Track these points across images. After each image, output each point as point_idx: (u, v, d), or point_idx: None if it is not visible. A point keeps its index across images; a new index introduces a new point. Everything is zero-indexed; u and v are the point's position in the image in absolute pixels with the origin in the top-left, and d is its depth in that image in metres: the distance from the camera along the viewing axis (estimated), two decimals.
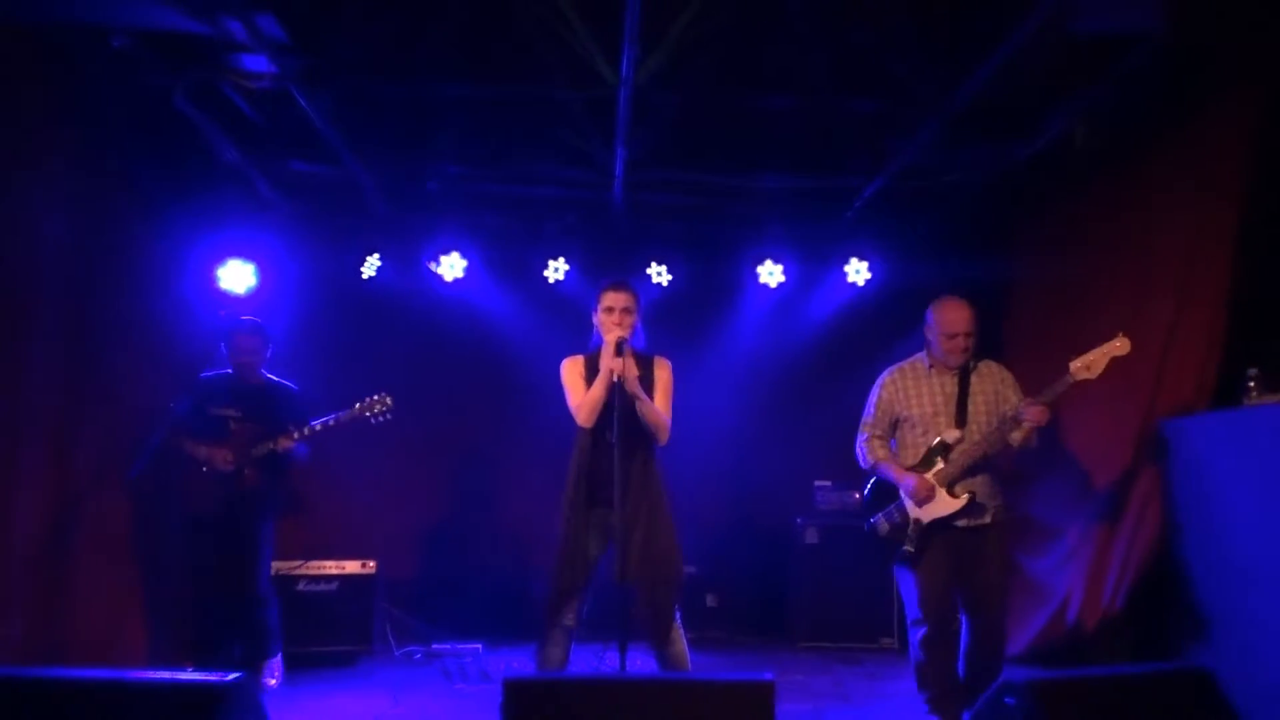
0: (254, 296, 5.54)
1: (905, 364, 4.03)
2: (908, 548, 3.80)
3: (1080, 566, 4.67)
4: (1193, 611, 3.36)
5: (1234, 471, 3.13)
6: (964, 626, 3.84)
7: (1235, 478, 3.12)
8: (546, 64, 4.29)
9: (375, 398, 4.61)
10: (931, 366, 3.94)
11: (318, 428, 4.52)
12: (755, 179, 5.60)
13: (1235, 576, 3.10)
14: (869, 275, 6.12)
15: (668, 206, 5.99)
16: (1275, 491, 2.89)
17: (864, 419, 4.05)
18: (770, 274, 6.11)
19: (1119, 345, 3.57)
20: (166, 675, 2.64)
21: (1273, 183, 3.80)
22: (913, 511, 3.83)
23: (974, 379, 3.89)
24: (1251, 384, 3.30)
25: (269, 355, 4.71)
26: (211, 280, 5.44)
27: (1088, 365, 3.59)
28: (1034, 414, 3.62)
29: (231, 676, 2.55)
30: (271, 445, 4.46)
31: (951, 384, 3.89)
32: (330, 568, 5.41)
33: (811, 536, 5.94)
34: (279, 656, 4.69)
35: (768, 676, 2.58)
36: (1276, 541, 2.88)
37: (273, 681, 4.59)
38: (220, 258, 5.49)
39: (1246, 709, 2.69)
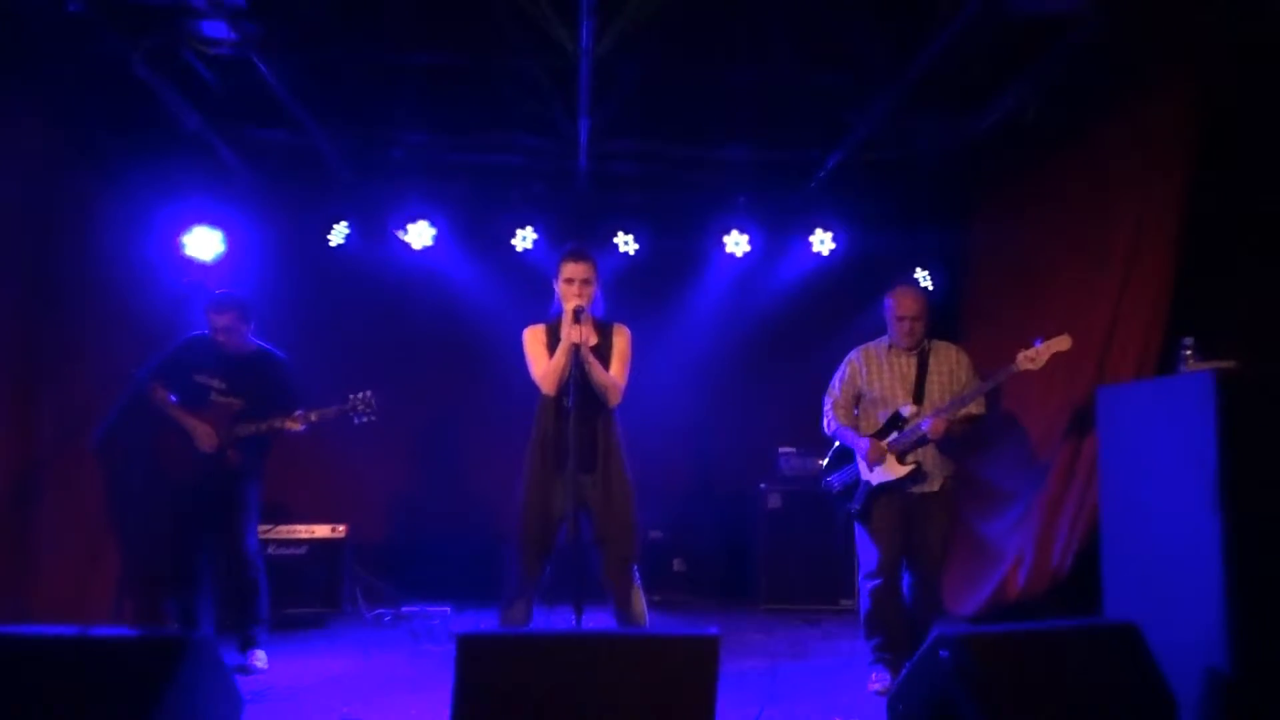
0: (221, 263, 5.55)
1: (871, 344, 4.32)
2: (854, 506, 4.12)
3: (1031, 530, 4.81)
4: (1125, 572, 3.50)
5: (1164, 437, 3.24)
6: (905, 582, 4.12)
7: (1165, 443, 3.23)
8: (507, 33, 4.31)
9: (361, 396, 4.51)
10: (891, 347, 4.23)
11: (313, 418, 4.42)
12: (719, 150, 5.66)
13: (1162, 538, 3.23)
14: (833, 245, 6.18)
15: (634, 176, 6.02)
16: (1199, 456, 3.00)
17: (830, 390, 4.35)
18: (736, 244, 6.15)
19: (1062, 342, 3.87)
20: (127, 631, 2.72)
21: (1217, 157, 3.90)
22: (864, 474, 4.12)
23: (932, 360, 4.17)
24: (1187, 353, 3.40)
25: (251, 325, 4.53)
26: (176, 246, 5.44)
27: (1032, 358, 3.88)
28: (932, 426, 3.92)
29: (192, 632, 2.63)
30: (263, 427, 4.35)
31: (910, 364, 4.17)
32: (300, 532, 5.49)
33: (775, 501, 6.07)
34: (263, 643, 4.51)
35: (713, 631, 2.70)
36: (1198, 505, 3.00)
37: (260, 664, 4.38)
38: (185, 224, 5.47)
39: (1170, 661, 2.83)
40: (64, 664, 2.62)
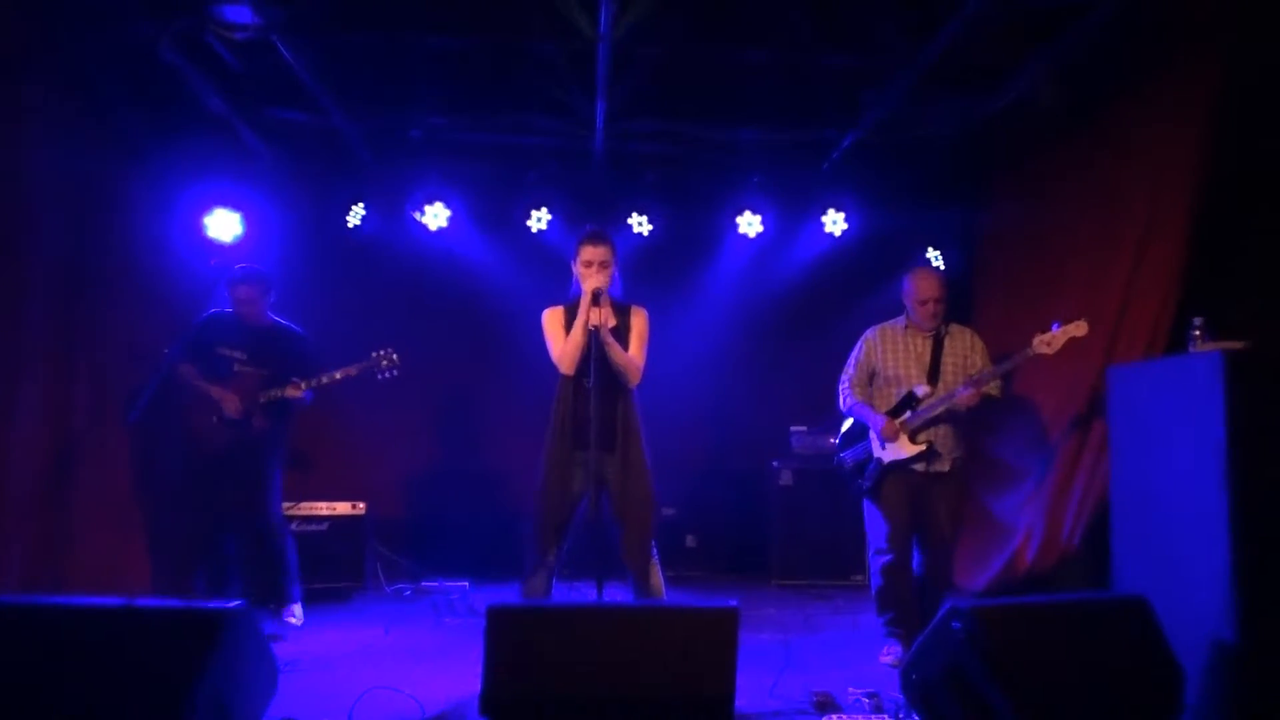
0: (241, 244, 5.62)
1: (887, 324, 4.38)
2: (865, 483, 4.20)
3: (1041, 506, 4.89)
4: (1135, 546, 3.57)
5: (1173, 415, 3.31)
6: (916, 560, 4.20)
7: (1174, 421, 3.30)
8: (526, 17, 4.35)
9: (382, 353, 4.68)
10: (907, 328, 4.29)
11: (324, 380, 4.59)
12: (735, 131, 5.70)
13: (1171, 513, 3.30)
14: (846, 226, 6.22)
15: (649, 157, 6.08)
16: (1206, 434, 3.07)
17: (846, 368, 4.43)
18: (749, 224, 6.20)
19: (1078, 328, 3.91)
20: (170, 602, 2.79)
21: (1232, 137, 3.93)
22: (876, 451, 4.19)
23: (946, 341, 4.23)
24: (1196, 332, 3.46)
25: (272, 299, 4.74)
26: (199, 228, 5.51)
27: (1048, 342, 3.94)
28: (964, 398, 4.00)
29: (234, 604, 2.72)
30: (279, 393, 4.53)
31: (924, 345, 4.23)
32: (321, 509, 5.59)
33: (786, 479, 6.16)
34: (299, 599, 4.80)
35: (733, 604, 2.79)
36: (1206, 482, 3.07)
37: (295, 620, 4.69)
38: (207, 206, 5.54)
39: (1177, 633, 2.91)
40: (108, 634, 2.67)
